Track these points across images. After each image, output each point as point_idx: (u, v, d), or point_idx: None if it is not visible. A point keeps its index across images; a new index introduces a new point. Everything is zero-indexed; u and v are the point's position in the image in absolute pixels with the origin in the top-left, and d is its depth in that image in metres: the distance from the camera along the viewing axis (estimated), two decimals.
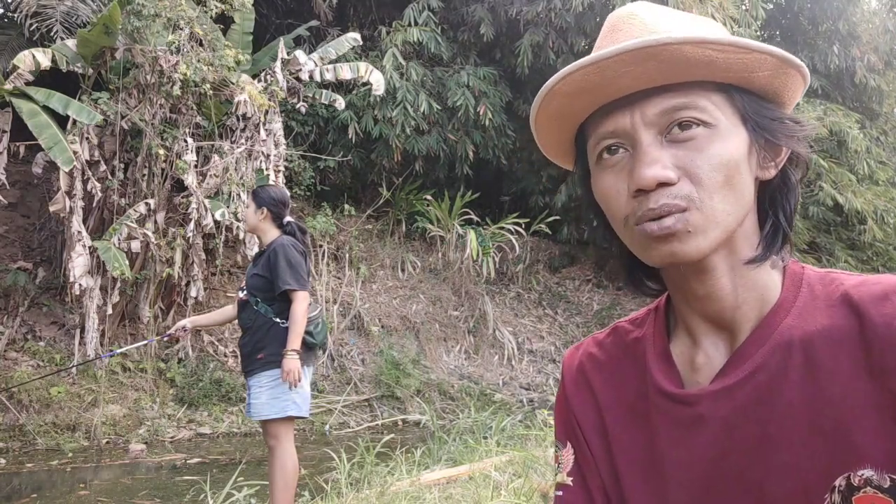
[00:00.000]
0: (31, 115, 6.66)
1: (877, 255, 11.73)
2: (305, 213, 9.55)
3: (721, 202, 0.63)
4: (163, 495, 4.88)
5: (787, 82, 0.67)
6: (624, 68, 0.62)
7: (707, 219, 0.63)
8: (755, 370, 0.65)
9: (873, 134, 12.19)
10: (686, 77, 0.64)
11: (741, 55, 0.63)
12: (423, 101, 9.33)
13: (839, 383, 0.61)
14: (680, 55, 0.61)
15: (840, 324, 0.62)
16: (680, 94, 0.64)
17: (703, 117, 0.64)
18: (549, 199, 10.95)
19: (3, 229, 7.83)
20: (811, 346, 0.63)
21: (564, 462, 0.79)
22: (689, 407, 0.68)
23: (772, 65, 0.64)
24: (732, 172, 0.64)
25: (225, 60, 7.21)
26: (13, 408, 6.19)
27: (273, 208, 3.52)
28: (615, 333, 0.81)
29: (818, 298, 0.66)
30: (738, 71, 0.64)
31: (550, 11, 9.48)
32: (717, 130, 0.64)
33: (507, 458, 4.24)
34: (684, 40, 0.60)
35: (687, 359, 0.72)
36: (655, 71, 0.62)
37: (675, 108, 0.64)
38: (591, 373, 0.80)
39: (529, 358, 9.78)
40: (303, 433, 6.92)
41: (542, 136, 0.74)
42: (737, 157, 0.64)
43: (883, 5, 13.34)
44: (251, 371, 3.39)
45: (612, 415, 0.76)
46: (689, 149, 0.64)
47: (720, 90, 0.65)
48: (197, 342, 7.71)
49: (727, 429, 0.66)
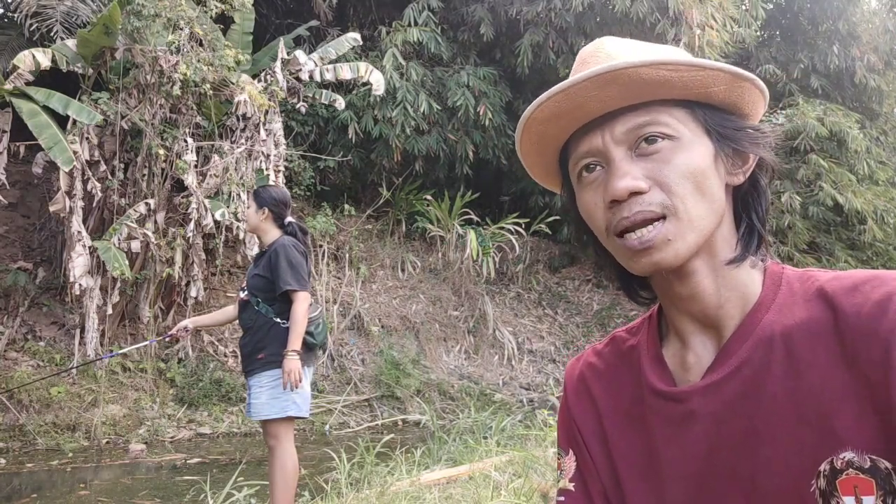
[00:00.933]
0: (31, 115, 6.66)
1: (877, 255, 11.72)
2: (305, 213, 9.55)
3: (694, 207, 0.68)
4: (163, 495, 4.88)
5: (744, 95, 0.72)
6: (589, 93, 0.69)
7: (683, 224, 0.68)
8: (740, 365, 0.68)
9: (873, 134, 12.18)
10: (648, 97, 0.69)
11: (694, 73, 0.68)
12: (423, 101, 9.33)
13: (818, 374, 0.64)
14: (637, 77, 0.67)
15: (816, 317, 0.66)
16: (643, 112, 0.69)
17: (667, 131, 0.69)
18: (549, 198, 10.95)
19: (3, 229, 7.83)
20: (791, 339, 0.66)
21: (567, 469, 0.82)
22: (680, 403, 0.72)
23: (725, 80, 0.69)
24: (700, 179, 0.69)
25: (225, 60, 7.21)
26: (13, 408, 6.19)
27: (274, 208, 3.52)
28: (613, 343, 0.85)
29: (796, 294, 0.69)
30: (695, 88, 0.69)
31: (550, 11, 9.48)
32: (681, 142, 0.69)
33: (507, 458, 4.24)
34: (640, 63, 0.66)
35: (678, 360, 0.75)
36: (618, 94, 0.69)
37: (640, 125, 0.70)
38: (590, 381, 0.84)
39: (529, 358, 9.77)
40: (303, 433, 6.92)
41: (529, 161, 0.80)
42: (702, 166, 0.69)
43: (883, 5, 13.33)
44: (251, 371, 3.39)
45: (611, 421, 0.80)
46: (657, 161, 0.69)
47: (682, 106, 0.70)
48: (197, 342, 7.71)
49: (717, 423, 0.69)
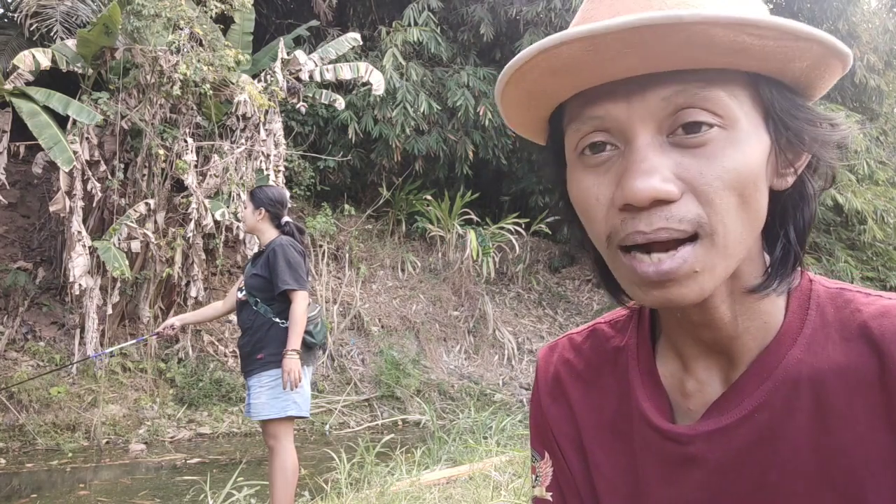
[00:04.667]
0: (31, 115, 6.66)
1: (877, 255, 11.73)
2: (305, 213, 9.55)
3: (735, 228, 0.51)
4: (163, 495, 4.88)
5: (825, 74, 0.53)
6: (626, 47, 0.48)
7: (717, 251, 0.51)
8: (756, 409, 0.57)
9: (873, 134, 12.18)
10: (707, 63, 0.50)
11: (784, 43, 0.49)
12: (423, 101, 9.33)
13: (853, 431, 0.53)
14: (706, 38, 0.47)
15: (857, 362, 0.54)
16: (695, 83, 0.50)
17: (720, 115, 0.51)
18: (549, 198, 10.94)
19: (3, 229, 7.84)
20: (822, 385, 0.54)
21: (542, 475, 0.72)
22: (680, 445, 0.60)
23: (816, 54, 0.51)
24: (750, 189, 0.51)
25: (225, 60, 7.21)
26: (13, 408, 6.19)
27: (271, 208, 3.52)
28: (594, 337, 0.72)
29: (830, 325, 0.56)
30: (775, 61, 0.50)
31: (550, 11, 9.48)
32: (735, 133, 0.51)
33: (507, 458, 4.24)
34: (716, 19, 0.46)
35: (676, 382, 0.63)
36: (667, 54, 0.48)
37: (685, 103, 0.50)
38: (567, 383, 0.71)
39: (529, 358, 9.77)
40: (303, 433, 6.92)
41: (510, 112, 0.59)
42: (756, 169, 0.52)
43: (883, 5, 13.34)
44: (251, 371, 3.39)
45: (590, 433, 0.68)
46: (698, 156, 0.51)
47: (746, 81, 0.52)
48: (197, 342, 7.71)
49: (722, 472, 0.58)
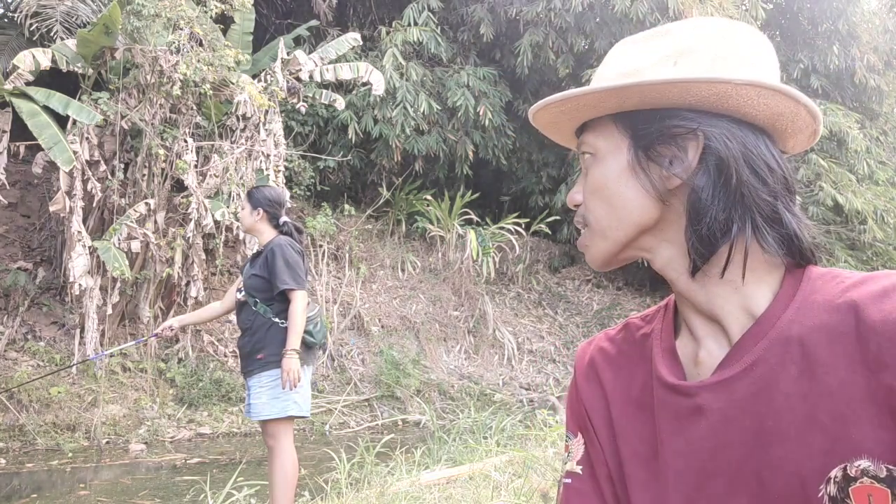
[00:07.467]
0: (31, 115, 6.66)
1: (877, 255, 11.71)
2: (305, 213, 9.55)
3: (603, 218, 0.74)
4: (163, 495, 4.88)
5: (656, 99, 0.71)
6: (570, 105, 0.74)
7: (594, 234, 0.75)
8: (753, 363, 0.67)
9: (873, 134, 12.17)
10: (590, 116, 0.75)
11: (625, 92, 0.70)
12: (423, 101, 9.33)
13: (836, 377, 0.62)
14: (581, 103, 0.73)
15: (837, 319, 0.64)
16: (587, 129, 0.77)
17: (587, 149, 0.76)
18: (549, 199, 10.96)
19: (3, 229, 7.84)
20: (809, 340, 0.65)
21: (574, 451, 0.83)
22: (688, 398, 0.70)
23: (644, 91, 0.70)
24: (608, 192, 0.73)
25: (225, 60, 7.20)
26: (13, 408, 6.19)
27: (268, 208, 3.52)
28: (626, 329, 0.85)
29: (818, 293, 0.67)
30: (613, 107, 0.73)
31: (550, 11, 9.48)
32: (596, 158, 0.75)
33: (507, 458, 4.24)
34: (601, 90, 0.70)
35: (690, 354, 0.74)
36: (577, 113, 0.75)
37: (579, 143, 0.78)
38: (600, 366, 0.83)
39: (529, 358, 9.77)
40: (303, 433, 6.92)
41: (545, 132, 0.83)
42: (611, 176, 0.73)
43: (883, 5, 13.33)
44: (251, 371, 3.39)
45: (618, 407, 0.79)
46: (584, 175, 0.77)
47: (608, 118, 0.74)
48: (197, 342, 7.71)
49: (725, 420, 0.68)
